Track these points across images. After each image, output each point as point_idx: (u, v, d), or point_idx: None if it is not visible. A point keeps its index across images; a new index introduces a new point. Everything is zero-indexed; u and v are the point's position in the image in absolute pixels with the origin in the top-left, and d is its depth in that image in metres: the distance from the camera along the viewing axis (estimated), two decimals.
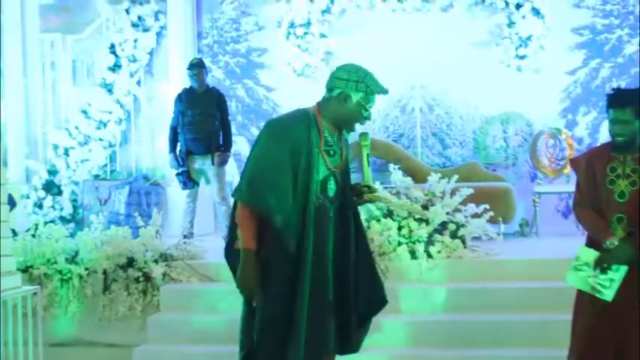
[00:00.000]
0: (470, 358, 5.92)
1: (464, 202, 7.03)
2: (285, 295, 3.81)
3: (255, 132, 9.82)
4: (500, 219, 8.16)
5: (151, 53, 11.09)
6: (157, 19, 11.00)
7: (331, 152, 3.97)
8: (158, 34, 11.06)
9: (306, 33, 10.57)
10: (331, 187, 3.98)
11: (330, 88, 4.03)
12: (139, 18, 10.95)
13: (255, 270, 3.77)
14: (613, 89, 4.54)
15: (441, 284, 6.64)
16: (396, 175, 7.29)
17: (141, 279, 6.94)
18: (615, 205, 4.39)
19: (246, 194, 3.79)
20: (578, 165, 4.73)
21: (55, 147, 10.91)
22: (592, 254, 4.48)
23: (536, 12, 10.10)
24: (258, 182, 3.79)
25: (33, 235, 7.51)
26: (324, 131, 3.96)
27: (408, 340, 6.09)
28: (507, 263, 6.80)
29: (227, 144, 8.63)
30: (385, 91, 4.07)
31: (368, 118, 4.03)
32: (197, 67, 8.57)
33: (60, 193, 10.82)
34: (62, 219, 10.61)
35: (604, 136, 10.12)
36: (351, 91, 3.97)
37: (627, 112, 4.39)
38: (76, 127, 10.90)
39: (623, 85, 10.05)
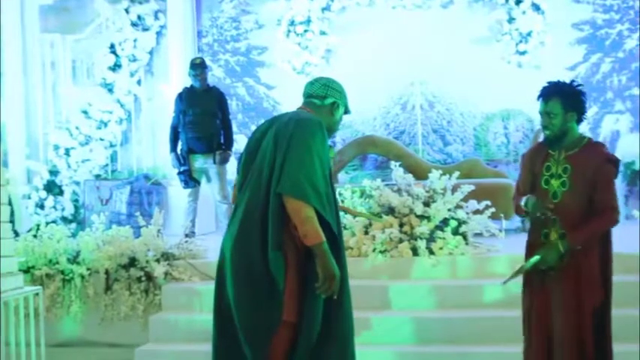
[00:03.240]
0: (472, 355, 5.91)
1: (465, 199, 7.01)
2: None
3: None
4: (502, 215, 8.14)
5: (151, 52, 11.08)
6: (156, 18, 11.00)
7: None
8: (158, 34, 11.05)
9: (306, 31, 10.58)
10: None
11: (323, 96, 4.12)
12: (139, 17, 10.94)
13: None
14: (547, 82, 4.54)
15: (443, 281, 6.64)
16: (397, 172, 7.27)
17: (143, 278, 6.94)
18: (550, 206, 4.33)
19: (312, 197, 3.74)
20: (522, 161, 4.70)
21: (56, 147, 10.91)
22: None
23: (536, 7, 10.10)
24: (317, 185, 3.78)
25: (34, 236, 7.49)
26: None
27: (411, 337, 6.08)
28: (510, 259, 6.78)
29: (228, 143, 8.64)
30: (349, 112, 4.27)
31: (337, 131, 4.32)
32: (200, 67, 8.56)
33: (61, 193, 10.83)
34: (64, 219, 10.62)
35: (605, 131, 10.14)
36: (340, 102, 4.15)
37: (552, 104, 4.38)
38: (77, 127, 10.89)
39: (624, 80, 10.07)
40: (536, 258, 4.26)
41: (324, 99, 4.10)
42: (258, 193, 3.83)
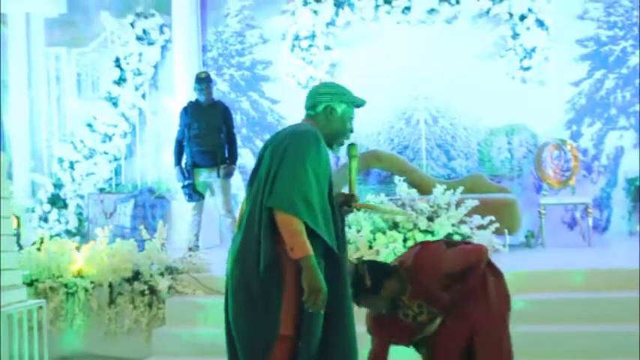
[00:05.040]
0: None
1: (469, 214, 7.02)
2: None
3: (260, 144, 9.80)
4: (506, 230, 8.14)
5: (155, 66, 11.11)
6: (161, 32, 11.03)
7: None
8: (163, 48, 11.08)
9: (310, 45, 10.59)
10: None
11: (313, 105, 4.04)
12: (144, 31, 10.98)
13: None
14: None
15: None
16: (401, 187, 7.28)
17: (146, 292, 6.94)
18: None
19: (302, 211, 3.68)
20: None
21: (60, 160, 10.94)
22: None
23: (540, 23, 10.11)
24: (310, 199, 3.72)
25: (38, 249, 7.51)
26: None
27: (416, 354, 6.06)
28: (513, 275, 6.77)
29: (232, 157, 8.67)
30: (364, 102, 4.14)
31: (351, 130, 4.14)
32: (205, 82, 8.60)
33: (65, 206, 10.84)
34: (68, 232, 10.63)
35: (609, 147, 10.15)
36: (335, 104, 4.03)
37: (372, 303, 4.25)
38: (81, 141, 10.92)
39: (627, 96, 10.08)
40: None
41: (315, 107, 4.03)
42: (256, 208, 3.82)
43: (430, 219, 6.94)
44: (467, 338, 4.23)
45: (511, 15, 10.21)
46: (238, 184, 10.02)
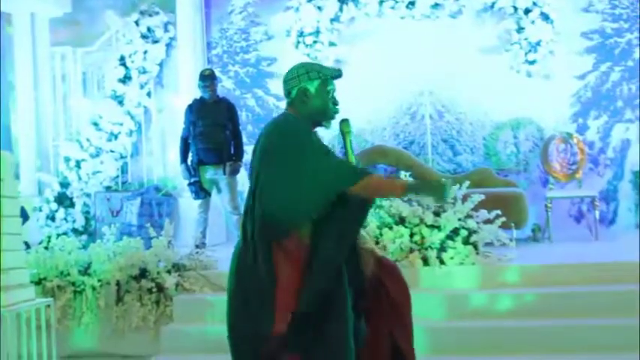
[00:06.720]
0: None
1: (476, 208, 7.01)
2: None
3: None
4: (513, 224, 8.15)
5: (160, 64, 11.11)
6: (166, 30, 11.03)
7: None
8: (168, 45, 11.08)
9: (315, 42, 10.58)
10: None
11: (288, 92, 4.00)
12: (149, 29, 10.97)
13: None
14: None
15: (454, 291, 6.63)
16: None
17: (154, 290, 6.95)
18: None
19: (299, 218, 3.74)
20: None
21: (67, 159, 10.94)
22: None
23: (545, 17, 10.09)
24: (308, 198, 3.71)
25: (46, 248, 7.52)
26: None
27: (421, 347, 6.03)
28: (520, 269, 6.78)
29: (238, 153, 8.65)
30: (339, 72, 4.01)
31: (335, 102, 3.98)
32: (209, 79, 8.58)
33: (72, 205, 10.84)
34: (74, 231, 10.63)
35: (615, 139, 10.13)
36: (305, 84, 3.94)
37: None
38: (88, 139, 10.91)
39: (633, 88, 10.06)
40: None
41: (289, 94, 3.99)
42: (248, 204, 3.84)
43: (437, 214, 6.93)
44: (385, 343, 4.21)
45: (516, 9, 10.19)
46: (244, 180, 10.02)
